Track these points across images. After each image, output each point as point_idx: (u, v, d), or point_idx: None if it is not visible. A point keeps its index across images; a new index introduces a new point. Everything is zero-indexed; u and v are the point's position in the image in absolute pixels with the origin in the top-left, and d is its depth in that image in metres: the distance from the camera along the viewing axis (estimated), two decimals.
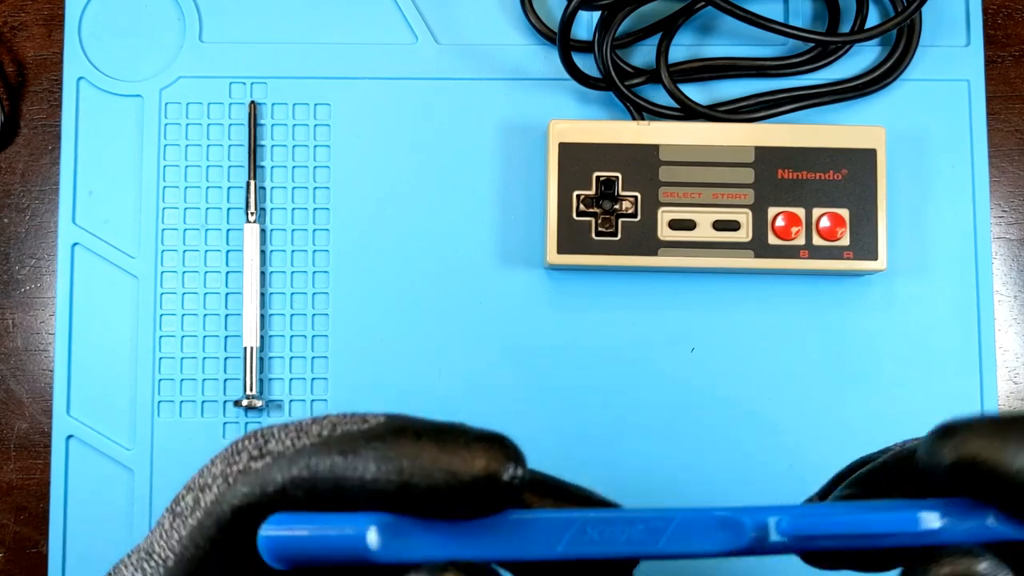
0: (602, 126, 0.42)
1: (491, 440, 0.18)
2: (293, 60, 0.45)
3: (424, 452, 0.18)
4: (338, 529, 0.18)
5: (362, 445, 0.18)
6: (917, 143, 0.45)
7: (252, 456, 0.19)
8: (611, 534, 0.18)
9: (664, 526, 0.18)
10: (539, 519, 0.18)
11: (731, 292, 0.44)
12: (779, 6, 0.46)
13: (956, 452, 0.18)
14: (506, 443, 0.18)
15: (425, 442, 0.18)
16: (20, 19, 0.46)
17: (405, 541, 0.18)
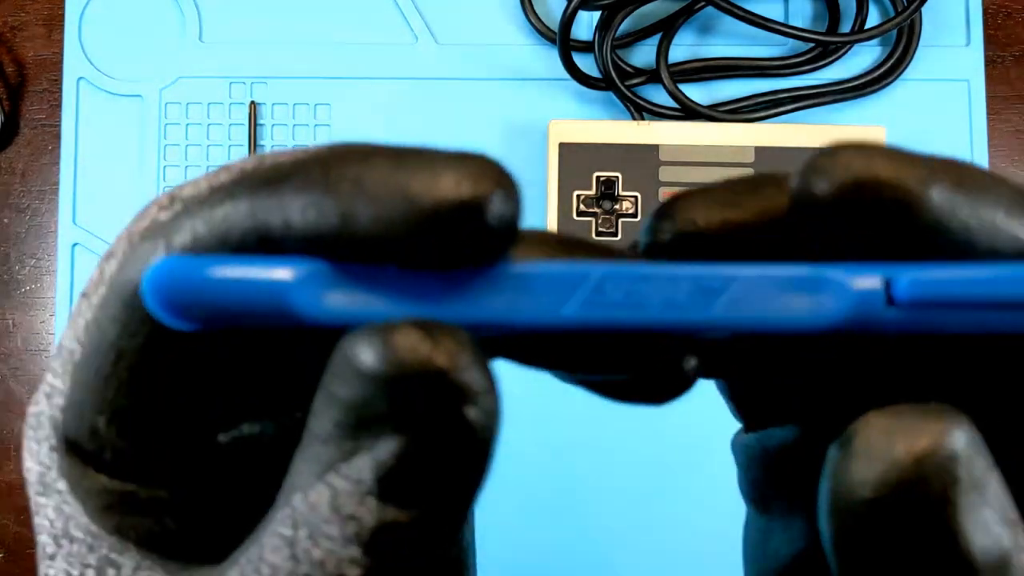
0: (602, 126, 0.42)
1: (470, 158, 0.13)
2: (293, 60, 0.45)
3: (372, 174, 0.13)
4: (254, 271, 0.13)
5: (292, 175, 0.13)
6: (917, 143, 0.45)
7: (162, 206, 0.14)
8: (643, 294, 0.13)
9: (722, 286, 0.13)
10: (539, 272, 0.13)
11: None
12: (779, 6, 0.46)
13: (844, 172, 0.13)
14: (491, 163, 0.13)
15: (375, 162, 0.13)
16: (20, 19, 0.46)
17: (348, 294, 0.13)
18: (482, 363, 0.12)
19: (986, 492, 0.13)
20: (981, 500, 0.13)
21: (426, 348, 0.12)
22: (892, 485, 0.12)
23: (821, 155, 0.13)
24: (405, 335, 0.12)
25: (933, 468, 0.12)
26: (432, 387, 0.12)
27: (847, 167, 0.13)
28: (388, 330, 0.12)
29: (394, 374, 0.12)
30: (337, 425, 0.13)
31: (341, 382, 0.13)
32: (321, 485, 0.13)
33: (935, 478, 0.12)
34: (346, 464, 0.13)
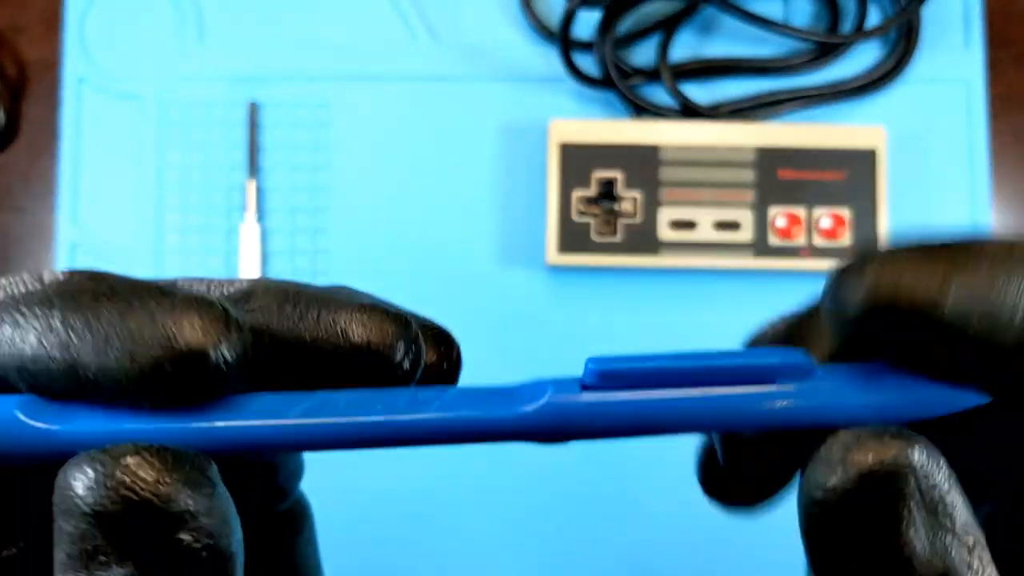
0: (602, 126, 0.42)
1: (200, 305, 0.13)
2: (293, 60, 0.45)
3: (100, 320, 0.13)
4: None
5: (28, 312, 0.13)
6: (917, 143, 0.45)
7: None
8: (365, 402, 0.14)
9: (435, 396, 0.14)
10: (270, 396, 0.14)
11: (732, 292, 0.44)
12: (779, 6, 0.46)
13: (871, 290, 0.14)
14: (217, 307, 0.13)
15: (104, 306, 0.13)
16: (21, 19, 0.46)
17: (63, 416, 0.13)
18: (196, 482, 0.13)
19: (938, 509, 0.14)
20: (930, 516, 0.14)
21: (132, 478, 0.12)
22: (838, 491, 0.13)
23: (846, 271, 0.14)
24: (111, 466, 0.12)
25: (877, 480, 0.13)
26: (141, 518, 0.12)
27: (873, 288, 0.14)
28: (94, 460, 0.12)
29: (104, 509, 0.12)
30: (69, 556, 0.13)
31: (63, 516, 0.13)
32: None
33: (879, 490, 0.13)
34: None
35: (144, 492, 0.12)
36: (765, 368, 0.14)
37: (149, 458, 0.12)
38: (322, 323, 0.15)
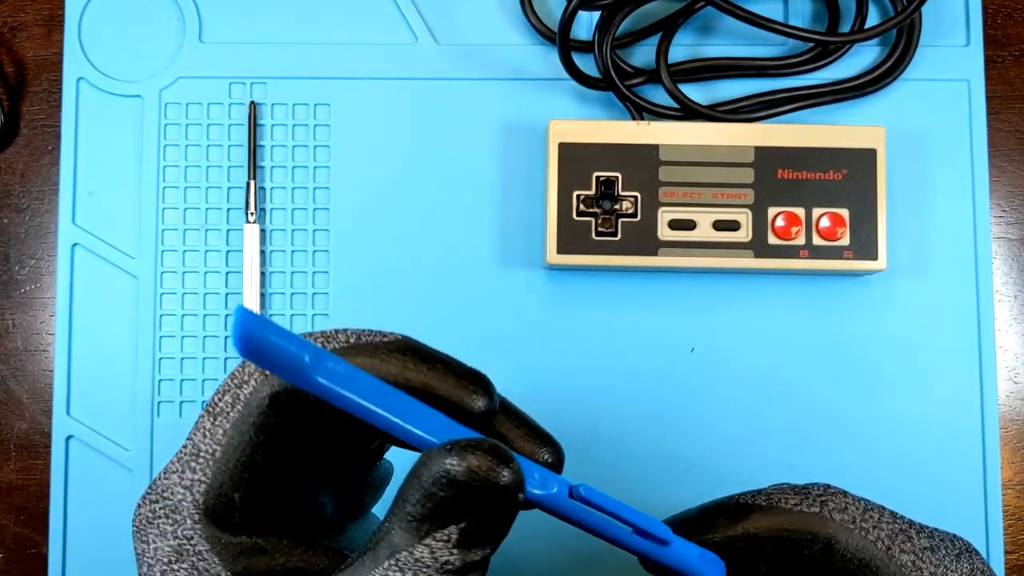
0: (602, 126, 0.42)
1: (478, 377, 0.24)
2: (293, 60, 0.45)
3: (435, 370, 0.23)
4: (290, 342, 0.20)
5: (385, 354, 0.23)
6: (917, 143, 0.45)
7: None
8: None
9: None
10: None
11: (731, 292, 0.44)
12: (779, 6, 0.46)
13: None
14: (486, 379, 0.24)
15: (436, 362, 0.24)
16: (20, 19, 0.46)
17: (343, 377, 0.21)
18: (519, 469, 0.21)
19: None
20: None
21: (496, 468, 0.20)
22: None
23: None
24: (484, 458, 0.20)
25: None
26: (495, 489, 0.21)
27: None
28: (474, 452, 0.20)
29: (482, 483, 0.20)
30: (433, 510, 0.21)
31: (440, 485, 0.20)
32: (421, 546, 0.21)
33: None
34: (439, 531, 0.21)
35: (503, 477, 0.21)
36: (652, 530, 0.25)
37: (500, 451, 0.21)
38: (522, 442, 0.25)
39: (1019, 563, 0.43)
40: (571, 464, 0.43)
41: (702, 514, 0.27)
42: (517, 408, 0.25)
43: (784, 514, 0.26)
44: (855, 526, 0.26)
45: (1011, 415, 0.45)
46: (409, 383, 0.23)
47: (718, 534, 0.27)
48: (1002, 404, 0.44)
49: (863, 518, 0.26)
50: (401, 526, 0.21)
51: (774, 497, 0.27)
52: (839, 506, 0.26)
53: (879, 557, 0.25)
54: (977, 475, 0.43)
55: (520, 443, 0.24)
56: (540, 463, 0.24)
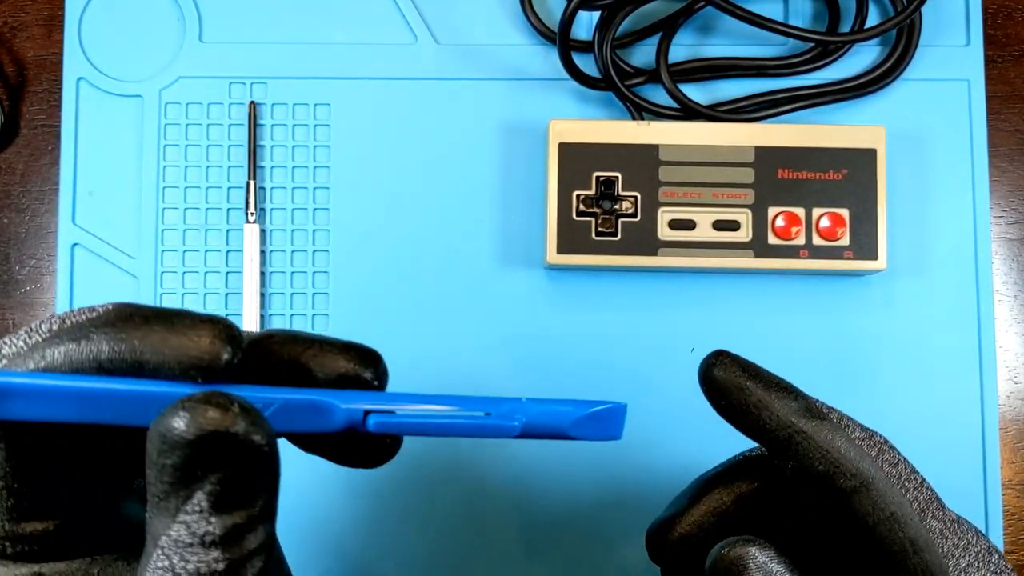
0: (602, 126, 0.42)
1: (214, 322, 0.20)
2: (293, 60, 0.45)
3: (153, 334, 0.20)
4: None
5: (93, 331, 0.20)
6: (917, 143, 0.45)
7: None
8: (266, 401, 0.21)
9: (264, 407, 0.21)
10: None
11: (731, 292, 0.44)
12: (779, 6, 0.46)
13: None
14: (226, 324, 0.20)
15: (154, 324, 0.20)
16: (20, 19, 0.46)
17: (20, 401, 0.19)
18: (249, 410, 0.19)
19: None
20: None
21: (216, 415, 0.18)
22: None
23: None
24: (199, 409, 0.18)
25: (723, 572, 0.24)
26: (232, 436, 0.19)
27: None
28: (186, 405, 0.18)
29: (203, 436, 0.18)
30: (171, 484, 0.19)
31: (165, 453, 0.19)
32: (176, 524, 0.19)
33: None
34: (187, 504, 0.19)
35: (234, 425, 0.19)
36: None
37: (218, 399, 0.19)
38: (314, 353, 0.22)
39: (1019, 563, 0.43)
40: (570, 463, 0.43)
41: (773, 384, 0.28)
42: (299, 332, 0.23)
43: (847, 440, 0.26)
44: (898, 482, 0.26)
45: (1011, 415, 0.45)
46: (126, 355, 0.20)
47: (782, 419, 0.26)
48: (1002, 404, 0.44)
49: (908, 478, 0.27)
50: (154, 512, 0.19)
51: (844, 422, 0.27)
52: (891, 460, 0.27)
53: (911, 515, 0.26)
54: (977, 475, 0.43)
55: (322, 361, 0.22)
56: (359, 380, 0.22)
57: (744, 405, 0.27)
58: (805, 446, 0.26)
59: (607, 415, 0.22)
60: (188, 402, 0.18)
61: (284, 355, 0.22)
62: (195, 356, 0.20)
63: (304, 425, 0.21)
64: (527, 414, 0.22)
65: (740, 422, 0.27)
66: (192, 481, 0.19)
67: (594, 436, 0.22)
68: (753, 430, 0.27)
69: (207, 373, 0.20)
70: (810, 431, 0.26)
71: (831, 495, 0.26)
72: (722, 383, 0.27)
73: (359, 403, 0.21)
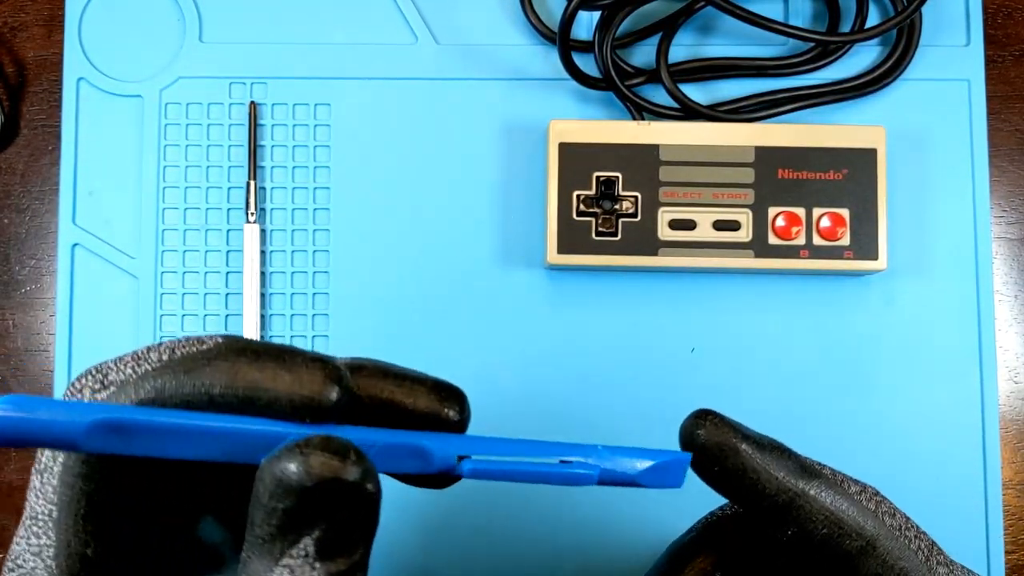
0: (602, 126, 0.42)
1: (324, 362, 0.20)
2: (293, 60, 0.45)
3: (266, 370, 0.20)
4: (56, 414, 0.19)
5: (205, 365, 0.20)
6: (917, 143, 0.45)
7: (94, 390, 0.20)
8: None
9: (365, 449, 0.21)
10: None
11: (731, 292, 0.44)
12: (779, 6, 0.46)
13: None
14: (335, 365, 0.20)
15: (266, 361, 0.20)
16: (20, 19, 0.46)
17: (130, 437, 0.19)
18: (363, 458, 0.19)
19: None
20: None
21: (335, 463, 0.18)
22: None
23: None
24: (317, 456, 0.18)
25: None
26: (339, 486, 0.18)
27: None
28: (306, 451, 0.18)
29: (320, 484, 0.18)
30: (280, 527, 0.19)
31: (277, 497, 0.18)
32: (279, 568, 0.19)
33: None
34: (293, 548, 0.19)
35: (347, 473, 0.18)
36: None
37: (336, 445, 0.18)
38: (406, 392, 0.22)
39: (1019, 563, 0.43)
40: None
41: (765, 445, 0.25)
42: (387, 365, 0.23)
43: (847, 498, 0.25)
44: (901, 534, 0.25)
45: (1011, 415, 0.45)
46: (239, 390, 0.20)
47: (782, 482, 0.24)
48: (1002, 404, 0.44)
49: (907, 527, 0.26)
50: (255, 553, 0.19)
51: (837, 477, 0.26)
52: (889, 511, 0.26)
53: (918, 566, 0.25)
54: (977, 475, 0.43)
55: (414, 400, 0.22)
56: (446, 421, 0.22)
57: (740, 470, 0.24)
58: (807, 510, 0.24)
59: (673, 466, 0.23)
60: (306, 446, 0.18)
61: (375, 391, 0.22)
62: (306, 395, 0.20)
63: (400, 467, 0.21)
64: (602, 462, 0.23)
65: (733, 489, 0.25)
66: (301, 527, 0.19)
67: (660, 484, 0.23)
68: (748, 497, 0.25)
69: (316, 413, 0.20)
70: (812, 493, 0.24)
71: (835, 558, 0.25)
72: (714, 447, 0.24)
73: (455, 449, 0.22)
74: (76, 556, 0.21)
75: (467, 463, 0.22)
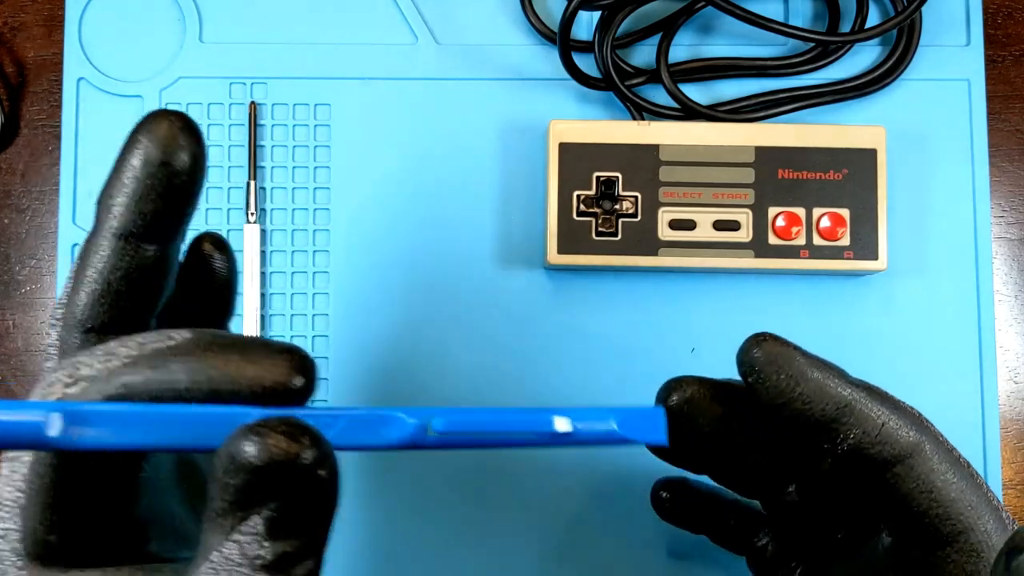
0: (602, 126, 0.42)
1: (289, 351, 0.21)
2: (293, 60, 0.45)
3: (230, 363, 0.20)
4: (17, 415, 0.19)
5: (172, 360, 0.21)
6: (917, 143, 0.45)
7: (66, 384, 0.21)
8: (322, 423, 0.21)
9: (332, 422, 0.21)
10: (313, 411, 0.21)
11: (731, 292, 0.44)
12: (779, 6, 0.46)
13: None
14: (302, 355, 0.21)
15: (231, 353, 0.21)
16: (20, 20, 0.46)
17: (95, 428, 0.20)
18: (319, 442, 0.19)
19: None
20: None
21: (287, 445, 0.19)
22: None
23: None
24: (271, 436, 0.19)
25: None
26: (298, 467, 0.19)
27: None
28: (261, 432, 0.19)
29: (271, 464, 0.19)
30: (231, 503, 0.19)
31: (230, 473, 0.19)
32: (229, 542, 0.19)
33: None
34: (243, 524, 0.19)
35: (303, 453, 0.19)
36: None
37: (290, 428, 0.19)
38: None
39: None
40: (570, 463, 0.43)
41: (817, 360, 0.27)
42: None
43: (894, 404, 0.26)
44: (944, 443, 0.26)
45: (1011, 415, 0.45)
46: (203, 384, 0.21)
47: (828, 388, 0.26)
48: (1002, 404, 0.44)
49: (950, 446, 0.27)
50: (210, 525, 0.20)
51: (884, 390, 0.27)
52: (932, 425, 0.27)
53: (961, 472, 0.26)
54: None
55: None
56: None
57: (798, 377, 0.26)
58: (859, 413, 0.26)
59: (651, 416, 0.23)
60: (261, 427, 0.19)
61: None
62: (269, 385, 0.20)
63: (368, 440, 0.21)
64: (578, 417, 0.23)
65: (790, 399, 0.26)
66: (252, 504, 0.19)
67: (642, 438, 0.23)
68: (805, 405, 0.26)
69: (281, 400, 0.20)
70: (864, 399, 0.26)
71: (878, 464, 0.26)
72: (775, 357, 0.26)
73: (422, 417, 0.22)
74: (40, 542, 0.21)
75: (437, 423, 0.22)
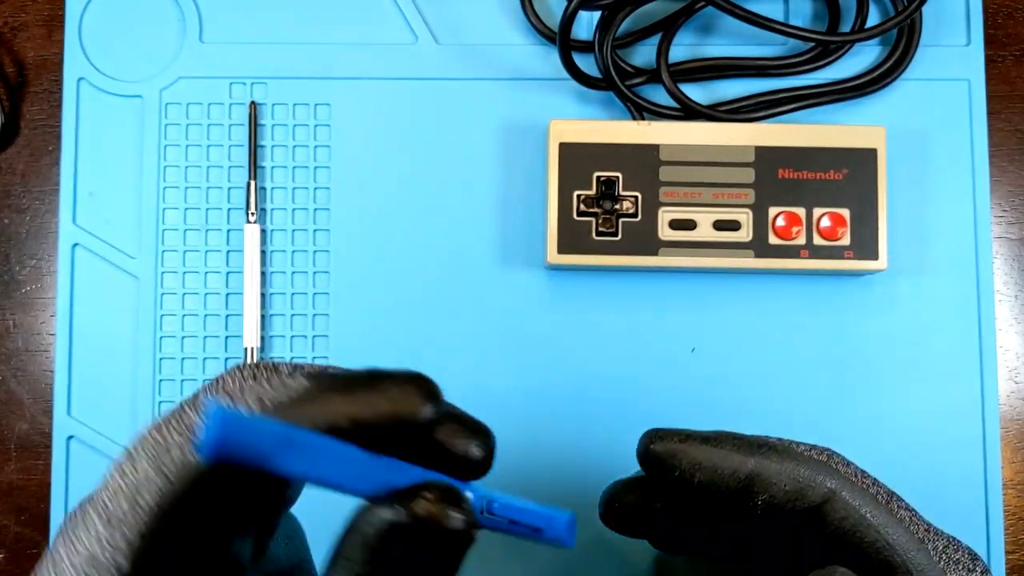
0: (602, 126, 0.42)
1: (419, 380, 0.22)
2: (293, 60, 0.45)
3: (358, 399, 0.21)
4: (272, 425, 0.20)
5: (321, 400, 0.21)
6: (917, 143, 0.45)
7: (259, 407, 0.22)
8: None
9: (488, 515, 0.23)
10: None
11: (731, 292, 0.44)
12: (779, 6, 0.46)
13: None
14: (427, 382, 0.22)
15: (362, 390, 0.21)
16: (20, 19, 0.46)
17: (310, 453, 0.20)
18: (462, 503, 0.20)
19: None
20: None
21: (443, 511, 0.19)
22: None
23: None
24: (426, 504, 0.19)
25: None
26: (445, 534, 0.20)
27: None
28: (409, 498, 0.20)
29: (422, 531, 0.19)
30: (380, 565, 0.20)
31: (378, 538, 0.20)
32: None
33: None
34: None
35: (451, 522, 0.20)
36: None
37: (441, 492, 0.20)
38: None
39: (1019, 563, 0.43)
40: (570, 463, 0.43)
41: (710, 438, 0.27)
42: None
43: (795, 457, 0.27)
44: (857, 480, 0.27)
45: (1011, 415, 0.45)
46: (348, 419, 0.21)
47: (726, 466, 0.27)
48: (1002, 404, 0.44)
49: (862, 475, 0.27)
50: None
51: (785, 443, 0.27)
52: (843, 461, 0.27)
53: (879, 511, 0.26)
54: (978, 475, 0.43)
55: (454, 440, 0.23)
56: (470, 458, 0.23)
57: (695, 464, 0.27)
58: (765, 477, 0.26)
59: (556, 522, 0.24)
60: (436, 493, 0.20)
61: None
62: (415, 410, 0.21)
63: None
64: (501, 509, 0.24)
65: (696, 485, 0.27)
66: (403, 567, 0.20)
67: (555, 540, 0.24)
68: (712, 486, 0.27)
69: (412, 430, 0.21)
70: (766, 462, 0.26)
71: (803, 515, 0.26)
72: (665, 455, 0.27)
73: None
74: (139, 554, 0.21)
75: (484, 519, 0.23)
